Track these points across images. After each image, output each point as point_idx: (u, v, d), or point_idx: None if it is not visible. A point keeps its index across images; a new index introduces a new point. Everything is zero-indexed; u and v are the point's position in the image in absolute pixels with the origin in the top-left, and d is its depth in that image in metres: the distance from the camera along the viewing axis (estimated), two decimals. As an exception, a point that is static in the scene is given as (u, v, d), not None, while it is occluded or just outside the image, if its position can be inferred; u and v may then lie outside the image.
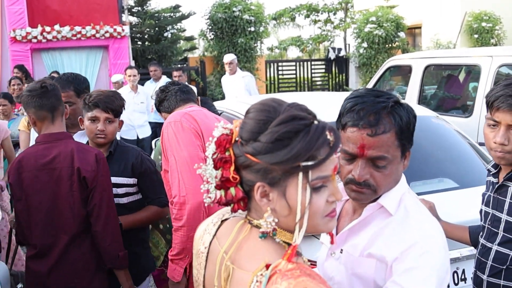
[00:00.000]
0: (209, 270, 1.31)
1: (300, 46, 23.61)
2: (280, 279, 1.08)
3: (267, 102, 1.19)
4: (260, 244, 1.20)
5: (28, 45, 10.50)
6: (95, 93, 2.83)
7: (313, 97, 4.67)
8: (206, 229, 1.36)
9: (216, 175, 1.20)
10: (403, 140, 1.47)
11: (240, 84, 8.21)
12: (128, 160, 2.79)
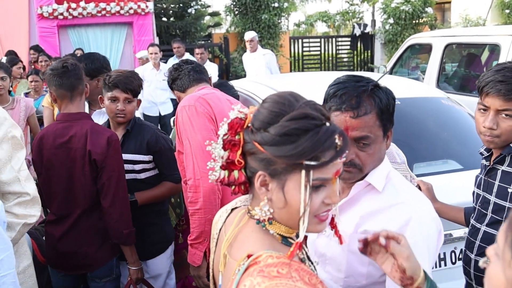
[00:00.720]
0: (217, 255, 1.36)
1: (327, 22, 23.30)
2: (257, 272, 1.08)
3: (285, 95, 1.19)
4: (252, 234, 1.23)
5: (55, 22, 10.69)
6: (115, 74, 2.92)
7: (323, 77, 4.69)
8: (221, 215, 1.41)
9: (223, 156, 1.22)
10: (384, 120, 1.55)
11: (261, 62, 8.23)
12: (144, 138, 2.88)
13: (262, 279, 1.05)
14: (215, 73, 8.45)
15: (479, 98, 1.98)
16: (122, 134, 2.91)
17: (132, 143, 2.89)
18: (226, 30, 15.51)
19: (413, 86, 3.71)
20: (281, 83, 4.05)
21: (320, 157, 1.11)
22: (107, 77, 2.92)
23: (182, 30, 13.90)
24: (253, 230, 1.24)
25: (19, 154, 2.18)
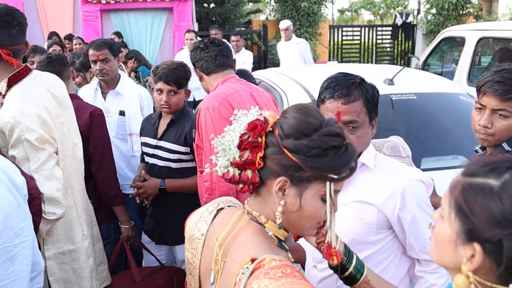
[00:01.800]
0: (205, 255, 1.40)
1: (372, 9, 22.97)
2: (263, 275, 1.15)
3: (311, 107, 1.30)
4: (252, 237, 1.30)
5: (98, 6, 11.01)
6: (161, 66, 3.06)
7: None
8: (202, 216, 1.46)
9: (238, 154, 1.28)
10: (369, 108, 1.84)
11: (294, 51, 8.29)
12: (184, 130, 3.01)
13: (269, 281, 1.13)
14: (250, 60, 8.56)
15: (476, 96, 2.04)
16: (167, 123, 3.06)
17: (173, 133, 3.03)
18: (266, 17, 15.55)
19: (432, 81, 3.74)
20: (304, 75, 4.14)
21: (342, 172, 1.25)
22: (155, 69, 3.09)
23: (221, 17, 14.04)
24: (252, 233, 1.31)
25: (39, 154, 2.24)
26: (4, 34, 2.20)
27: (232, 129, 1.32)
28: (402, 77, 3.51)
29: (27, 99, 2.27)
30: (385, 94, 3.30)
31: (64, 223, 2.50)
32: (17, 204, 1.60)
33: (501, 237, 0.94)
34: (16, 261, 1.58)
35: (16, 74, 2.29)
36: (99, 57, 3.57)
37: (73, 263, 2.56)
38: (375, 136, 2.89)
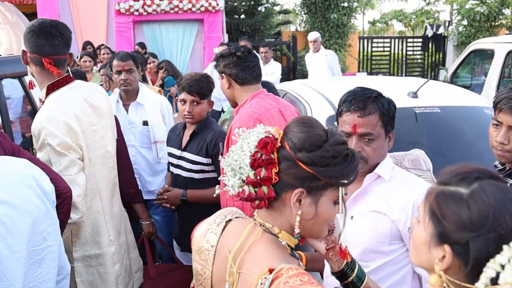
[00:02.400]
0: (217, 266, 1.44)
1: (403, 20, 22.82)
2: (283, 284, 1.21)
3: (315, 120, 1.39)
4: (267, 248, 1.35)
5: (131, 17, 11.27)
6: (185, 77, 3.13)
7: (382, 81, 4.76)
8: (209, 228, 1.49)
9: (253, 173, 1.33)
10: (385, 122, 1.91)
11: (323, 62, 8.33)
12: (205, 141, 3.06)
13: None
14: (279, 72, 8.63)
15: (493, 113, 2.06)
16: (189, 134, 3.13)
17: (195, 144, 3.09)
18: (295, 28, 15.63)
19: (457, 95, 3.72)
20: (329, 88, 4.18)
21: (351, 177, 1.33)
22: (179, 80, 3.17)
23: (251, 28, 14.19)
24: (267, 244, 1.36)
25: (61, 160, 2.33)
26: (47, 44, 2.37)
27: (239, 149, 1.37)
28: (427, 90, 3.51)
29: (57, 106, 2.38)
30: (409, 107, 3.31)
31: (92, 228, 2.60)
32: (46, 209, 1.68)
33: (468, 240, 1.03)
34: (43, 264, 1.66)
35: (55, 83, 2.43)
36: (124, 67, 3.69)
37: (99, 267, 2.65)
38: (396, 148, 2.92)
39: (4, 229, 1.50)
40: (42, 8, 11.06)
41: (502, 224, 1.02)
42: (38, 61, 2.40)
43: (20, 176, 1.65)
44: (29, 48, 2.40)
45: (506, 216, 1.02)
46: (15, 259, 1.53)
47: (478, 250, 1.02)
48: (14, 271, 1.52)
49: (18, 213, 1.56)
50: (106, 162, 2.68)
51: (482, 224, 1.02)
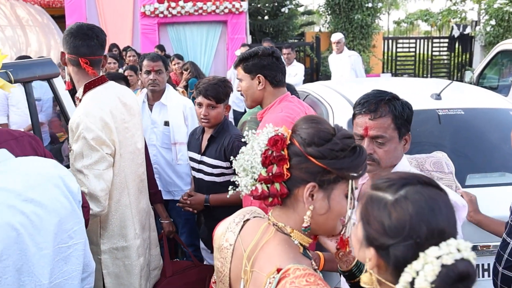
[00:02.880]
0: (234, 264, 1.50)
1: (428, 21, 22.53)
2: (289, 284, 1.25)
3: (321, 118, 1.45)
4: (278, 247, 1.39)
5: (156, 20, 11.41)
6: (203, 81, 3.17)
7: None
8: (229, 227, 1.55)
9: (265, 170, 1.37)
10: (398, 124, 1.91)
11: (346, 64, 8.31)
12: (223, 146, 3.09)
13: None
14: (301, 73, 8.62)
15: None
16: (208, 138, 3.16)
17: (214, 149, 3.12)
18: (319, 29, 15.60)
19: (481, 96, 3.68)
20: (351, 89, 4.17)
21: (360, 170, 1.36)
22: (197, 83, 3.22)
23: (275, 29, 14.21)
24: (279, 244, 1.39)
25: (93, 154, 2.46)
26: (84, 45, 2.54)
27: (249, 149, 1.42)
28: (451, 91, 3.48)
29: (94, 103, 2.54)
30: (432, 109, 3.29)
31: (119, 221, 2.70)
32: (72, 209, 1.73)
33: (389, 246, 1.09)
34: (69, 261, 1.71)
35: (91, 82, 2.59)
36: (154, 68, 3.77)
37: (125, 259, 2.74)
38: (418, 151, 2.91)
39: (32, 227, 1.55)
40: (70, 11, 11.27)
41: (418, 232, 1.06)
42: (75, 61, 2.56)
43: (48, 176, 1.70)
44: (67, 49, 2.57)
45: (422, 225, 1.06)
46: (42, 256, 1.58)
47: (397, 256, 1.07)
48: (41, 267, 1.57)
49: (45, 211, 1.61)
50: (135, 158, 2.79)
51: (400, 232, 1.07)
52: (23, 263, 1.52)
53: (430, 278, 1.01)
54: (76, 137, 2.48)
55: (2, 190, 1.53)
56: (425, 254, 1.03)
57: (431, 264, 1.02)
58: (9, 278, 1.47)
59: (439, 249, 1.03)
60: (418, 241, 1.05)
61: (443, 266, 1.02)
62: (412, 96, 3.66)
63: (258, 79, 2.69)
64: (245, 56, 2.72)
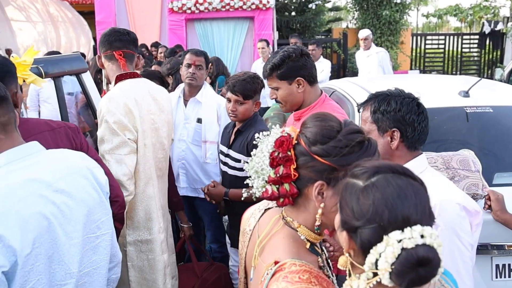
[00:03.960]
0: (250, 248, 1.55)
1: (458, 16, 22.12)
2: (282, 278, 1.28)
3: (329, 114, 1.45)
4: (283, 241, 1.42)
5: (183, 16, 11.49)
6: (233, 77, 3.22)
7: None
8: (253, 213, 1.61)
9: (273, 171, 1.41)
10: (374, 118, 2.00)
11: (373, 60, 8.23)
12: (247, 140, 3.11)
13: (286, 284, 1.26)
14: (328, 69, 8.58)
15: None
16: (235, 132, 3.21)
17: (239, 143, 3.16)
18: (346, 25, 15.49)
19: (511, 94, 3.62)
20: (377, 86, 4.15)
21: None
22: (228, 79, 3.26)
23: (302, 25, 14.17)
24: (284, 237, 1.42)
25: (114, 138, 2.53)
26: (117, 40, 2.72)
27: (259, 151, 1.45)
28: (480, 89, 3.44)
29: (119, 91, 2.63)
30: (460, 106, 3.25)
31: (145, 213, 2.74)
32: (100, 200, 1.78)
33: (356, 228, 1.14)
34: (98, 251, 1.76)
35: (122, 74, 2.71)
36: (196, 62, 3.78)
37: (148, 253, 2.79)
38: (445, 148, 2.89)
39: (63, 217, 1.60)
40: (99, 7, 11.43)
41: (381, 216, 1.11)
42: (110, 56, 2.71)
43: (76, 167, 1.75)
44: (102, 48, 2.74)
45: (385, 210, 1.11)
46: (71, 245, 1.63)
47: (363, 238, 1.13)
48: (71, 256, 1.63)
49: (74, 202, 1.66)
50: (156, 152, 2.81)
51: (364, 215, 1.13)
52: (54, 251, 1.58)
53: (390, 260, 1.06)
54: (99, 121, 2.57)
55: (34, 181, 1.58)
56: (387, 237, 1.08)
57: (392, 247, 1.07)
58: (41, 266, 1.53)
59: (402, 233, 1.07)
60: (381, 224, 1.10)
61: (403, 249, 1.06)
62: (439, 93, 3.63)
63: (297, 82, 2.62)
64: (276, 63, 2.60)
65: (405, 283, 1.06)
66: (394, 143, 1.99)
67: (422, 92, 3.69)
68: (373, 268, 1.10)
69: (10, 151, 1.62)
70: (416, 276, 1.06)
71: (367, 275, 1.12)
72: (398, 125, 1.98)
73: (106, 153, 2.53)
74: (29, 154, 1.65)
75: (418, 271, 1.05)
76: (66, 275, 1.62)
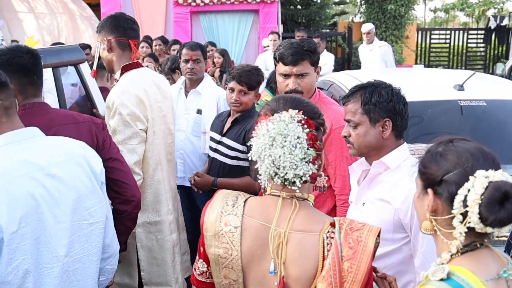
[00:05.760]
0: (247, 244, 1.52)
1: (465, 11, 22.00)
2: (349, 230, 1.47)
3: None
4: (311, 211, 1.55)
5: (188, 8, 11.51)
6: (237, 67, 3.27)
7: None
8: (223, 212, 1.56)
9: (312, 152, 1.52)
10: (366, 109, 2.04)
11: (376, 54, 8.25)
12: (244, 129, 3.15)
13: (362, 230, 1.47)
14: (331, 63, 8.61)
15: None
16: (231, 121, 3.25)
17: (235, 131, 3.20)
18: (351, 19, 15.46)
19: (505, 88, 3.65)
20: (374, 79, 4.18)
21: None
22: (231, 69, 3.31)
23: (307, 19, 14.15)
24: (308, 208, 1.55)
25: (126, 130, 2.64)
26: (131, 28, 2.78)
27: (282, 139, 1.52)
28: (475, 82, 3.47)
29: (130, 83, 2.71)
30: (454, 99, 3.29)
31: (153, 196, 2.85)
32: (93, 188, 1.83)
33: (443, 177, 1.28)
34: (91, 238, 1.81)
35: (128, 65, 2.76)
36: (192, 57, 3.86)
37: (157, 233, 2.89)
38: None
39: (52, 200, 1.66)
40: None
41: (467, 161, 1.26)
42: (124, 44, 2.75)
43: (72, 154, 1.80)
44: (115, 33, 2.73)
45: (469, 156, 1.27)
46: (59, 229, 1.68)
47: (450, 183, 1.26)
48: (59, 240, 1.68)
49: (65, 187, 1.71)
50: (165, 137, 2.95)
51: (450, 164, 1.28)
52: (41, 233, 1.63)
53: (480, 190, 1.19)
54: (112, 113, 2.64)
55: (27, 163, 1.64)
56: (474, 176, 1.21)
57: (479, 180, 1.20)
58: (27, 245, 1.58)
59: (486, 171, 1.22)
60: (466, 167, 1.24)
61: (490, 182, 1.19)
62: (434, 87, 3.66)
63: (317, 71, 2.65)
64: (312, 48, 2.58)
65: (494, 218, 1.17)
66: (386, 132, 2.05)
67: (418, 85, 3.74)
68: (462, 207, 1.22)
69: (10, 133, 1.69)
70: (504, 212, 1.17)
71: (457, 219, 1.23)
72: (390, 114, 2.05)
73: (120, 144, 2.60)
74: (28, 137, 1.73)
75: (505, 206, 1.17)
76: (53, 258, 1.67)
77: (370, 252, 1.43)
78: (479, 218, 1.18)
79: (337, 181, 2.58)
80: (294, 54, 2.52)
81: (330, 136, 2.51)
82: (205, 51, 3.97)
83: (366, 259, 1.43)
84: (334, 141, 2.52)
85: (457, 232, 1.24)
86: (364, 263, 1.42)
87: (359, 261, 1.43)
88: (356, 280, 1.42)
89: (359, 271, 1.42)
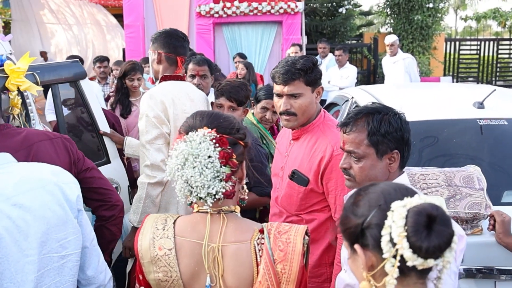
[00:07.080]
0: (185, 263, 1.55)
1: (498, 20, 21.47)
2: (278, 233, 1.53)
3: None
4: (240, 221, 1.59)
5: (211, 20, 11.47)
6: (224, 82, 3.19)
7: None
8: (154, 236, 1.58)
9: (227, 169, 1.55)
10: (373, 141, 1.81)
11: (400, 66, 8.03)
12: None
13: (293, 230, 1.54)
14: (354, 75, 8.44)
15: None
16: None
17: None
18: (378, 30, 15.22)
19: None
20: (391, 96, 4.00)
21: None
22: (217, 85, 3.21)
23: (331, 30, 13.98)
24: (236, 219, 1.58)
25: (153, 131, 2.78)
26: (181, 46, 2.97)
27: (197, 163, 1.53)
28: (495, 99, 3.26)
29: (158, 89, 2.88)
30: (472, 118, 3.09)
31: (166, 196, 2.88)
32: (66, 218, 1.69)
33: (362, 226, 1.18)
34: (62, 272, 1.68)
35: (168, 76, 2.96)
36: (199, 72, 3.78)
37: None
38: (452, 163, 2.73)
39: (18, 232, 1.54)
40: (128, 11, 11.55)
41: (378, 201, 1.17)
42: (172, 59, 2.94)
43: (43, 182, 1.68)
44: (165, 49, 2.93)
45: (378, 193, 1.19)
46: (26, 263, 1.56)
47: (371, 227, 1.15)
48: (25, 274, 1.56)
49: (33, 217, 1.59)
50: None
51: (365, 209, 1.18)
52: (5, 268, 1.51)
53: (401, 222, 1.08)
54: (140, 114, 2.83)
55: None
56: (391, 211, 1.12)
57: (397, 212, 1.10)
58: (-12, 282, 1.47)
59: (401, 201, 1.12)
60: (380, 205, 1.15)
61: (409, 210, 1.09)
62: (451, 104, 3.46)
63: (317, 91, 2.42)
64: (307, 66, 2.35)
65: (427, 245, 1.05)
66: (393, 165, 1.85)
67: (434, 102, 3.54)
68: (392, 248, 1.09)
69: None
70: (435, 236, 1.05)
71: (390, 263, 1.11)
72: (398, 145, 1.84)
73: (147, 143, 2.77)
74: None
75: (433, 228, 1.06)
76: None
77: (299, 252, 1.50)
78: (413, 252, 1.06)
79: (338, 212, 2.34)
80: (285, 73, 2.33)
81: (330, 163, 2.31)
82: (212, 66, 3.86)
83: (297, 259, 1.49)
84: (335, 168, 2.26)
85: (389, 277, 1.10)
86: (295, 263, 1.49)
87: (290, 262, 1.49)
88: (291, 279, 1.48)
89: (292, 271, 1.49)
